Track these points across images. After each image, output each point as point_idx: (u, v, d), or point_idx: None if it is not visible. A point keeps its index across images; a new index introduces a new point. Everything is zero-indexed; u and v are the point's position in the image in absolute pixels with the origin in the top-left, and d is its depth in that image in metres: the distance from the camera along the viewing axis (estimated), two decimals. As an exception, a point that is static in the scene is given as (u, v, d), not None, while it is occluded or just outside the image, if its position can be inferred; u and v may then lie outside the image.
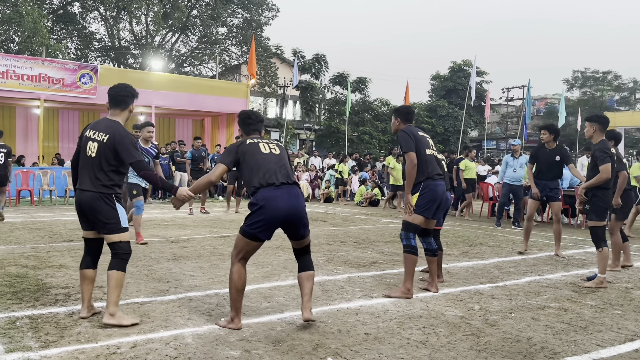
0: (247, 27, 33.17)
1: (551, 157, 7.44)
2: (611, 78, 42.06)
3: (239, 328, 3.78)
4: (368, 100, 34.09)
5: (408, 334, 3.82)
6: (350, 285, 5.28)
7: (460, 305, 4.64)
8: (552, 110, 42.31)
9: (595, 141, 5.69)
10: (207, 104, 19.06)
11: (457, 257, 7.13)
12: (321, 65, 32.27)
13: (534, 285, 5.53)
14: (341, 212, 13.78)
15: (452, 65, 39.23)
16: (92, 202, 3.81)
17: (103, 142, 3.84)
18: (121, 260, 3.85)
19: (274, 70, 32.89)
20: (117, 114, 4.02)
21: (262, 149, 3.89)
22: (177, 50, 35.36)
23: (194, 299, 4.60)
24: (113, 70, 22.86)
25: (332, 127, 32.33)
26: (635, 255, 7.63)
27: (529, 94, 29.22)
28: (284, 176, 3.82)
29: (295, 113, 40.15)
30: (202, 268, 5.94)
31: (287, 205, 3.74)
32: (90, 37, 32.78)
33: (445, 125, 36.42)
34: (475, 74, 27.55)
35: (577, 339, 3.82)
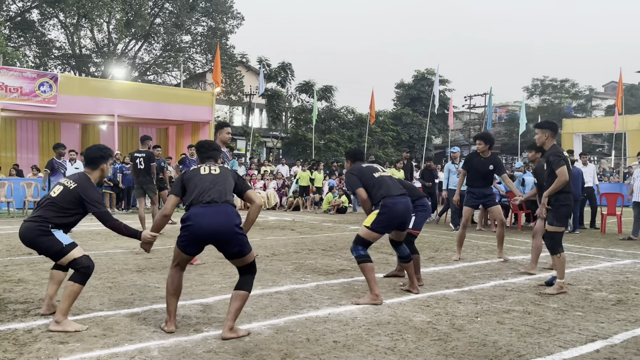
0: (212, 35, 32.97)
1: (485, 165, 7.49)
2: (568, 86, 43.39)
3: (170, 331, 3.91)
4: (334, 108, 34.28)
5: (376, 341, 3.83)
6: (318, 294, 5.27)
7: (428, 311, 4.69)
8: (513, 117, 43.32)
9: (548, 147, 5.78)
10: (171, 113, 18.81)
11: (424, 263, 7.19)
12: (287, 74, 32.32)
13: (499, 289, 5.62)
14: (309, 220, 13.78)
15: (416, 74, 39.82)
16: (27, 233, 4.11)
17: (69, 188, 4.16)
18: (82, 274, 4.02)
19: (239, 79, 32.77)
20: (88, 171, 4.33)
21: (201, 172, 4.03)
22: (141, 58, 34.91)
23: (160, 311, 4.52)
24: (74, 78, 22.35)
25: (298, 135, 32.37)
26: (595, 259, 7.86)
27: (490, 101, 29.87)
28: (215, 194, 3.86)
29: (261, 121, 40.04)
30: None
31: (211, 223, 3.75)
32: (49, 45, 32.00)
33: (410, 133, 36.89)
34: (438, 82, 28.00)
35: (541, 341, 3.89)
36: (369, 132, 30.18)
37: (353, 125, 34.31)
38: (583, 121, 32.54)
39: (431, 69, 38.06)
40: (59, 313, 3.89)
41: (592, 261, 7.57)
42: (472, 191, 7.57)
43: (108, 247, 8.12)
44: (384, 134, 35.02)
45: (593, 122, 32.87)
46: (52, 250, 4.05)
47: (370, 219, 5.01)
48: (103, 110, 17.54)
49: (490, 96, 29.36)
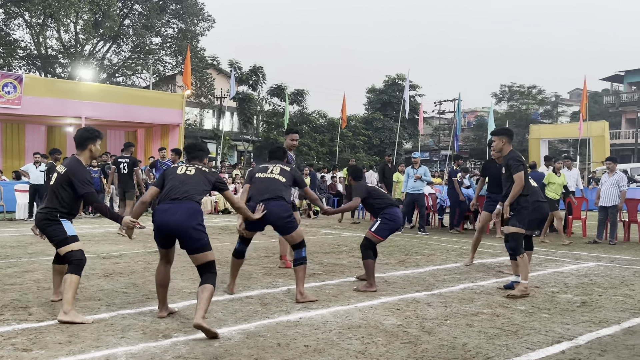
0: (182, 38, 32.61)
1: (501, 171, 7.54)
2: (535, 92, 44.32)
3: (160, 317, 4.37)
4: (306, 112, 34.30)
5: (347, 345, 3.83)
6: (289, 298, 5.25)
7: (398, 314, 4.71)
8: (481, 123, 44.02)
9: (505, 152, 5.93)
10: (140, 115, 18.52)
11: (394, 266, 7.24)
12: (258, 77, 32.17)
13: (468, 292, 5.69)
14: (279, 224, 13.71)
15: (386, 79, 40.14)
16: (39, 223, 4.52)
17: (60, 173, 4.48)
18: (75, 265, 4.34)
19: (210, 81, 32.51)
20: (78, 154, 4.61)
21: (178, 171, 4.35)
22: (109, 59, 34.27)
23: (127, 317, 4.43)
24: (39, 79, 21.84)
25: (270, 138, 32.27)
26: (561, 261, 8.04)
27: (459, 107, 30.28)
28: (180, 192, 4.16)
29: (232, 124, 39.80)
30: (135, 284, 5.73)
31: (169, 218, 4.06)
32: (14, 45, 31.15)
33: (381, 137, 37.16)
34: (409, 88, 28.27)
35: (509, 343, 3.95)
36: (340, 136, 30.28)
37: (325, 130, 34.40)
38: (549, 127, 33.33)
39: (402, 74, 38.41)
40: (66, 303, 4.16)
41: (558, 264, 7.73)
42: (491, 196, 7.80)
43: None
44: (356, 138, 35.20)
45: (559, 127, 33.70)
46: (56, 237, 4.40)
47: None
48: (70, 112, 17.16)
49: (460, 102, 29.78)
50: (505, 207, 5.71)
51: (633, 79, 45.76)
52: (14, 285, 5.60)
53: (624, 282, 6.41)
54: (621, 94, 46.64)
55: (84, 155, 4.59)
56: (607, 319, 4.69)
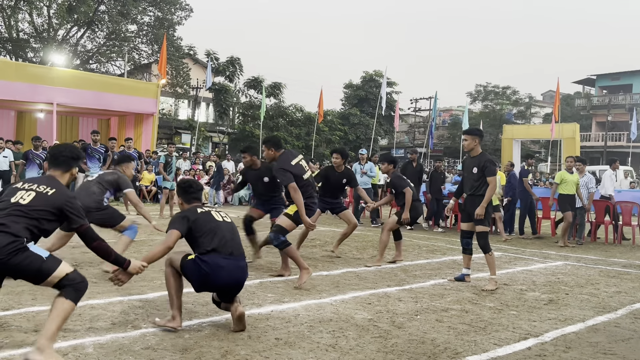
0: (159, 26, 32.10)
1: (339, 179, 7.64)
2: (510, 93, 44.95)
3: (178, 327, 3.83)
4: (283, 106, 34.16)
5: (318, 338, 3.85)
6: (261, 291, 5.24)
7: (369, 308, 4.75)
8: (456, 121, 44.52)
9: (476, 153, 6.09)
10: (114, 103, 18.18)
11: (367, 261, 7.28)
12: (235, 68, 31.94)
13: (438, 288, 5.77)
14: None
15: (364, 75, 40.24)
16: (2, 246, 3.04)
17: (46, 195, 3.29)
18: (74, 290, 3.18)
19: (186, 71, 32.10)
20: (57, 175, 3.53)
21: (215, 217, 3.99)
22: (83, 46, 33.55)
23: (96, 307, 4.37)
24: (10, 63, 21.27)
25: (246, 131, 32.08)
26: (530, 260, 8.19)
27: (435, 105, 30.59)
28: (235, 247, 3.93)
29: (208, 115, 39.43)
30: (104, 274, 5.65)
31: (230, 277, 3.82)
32: (-16, 27, 30.35)
33: (357, 133, 37.28)
34: (386, 85, 28.40)
35: (477, 339, 4.02)
36: (316, 130, 30.26)
37: (301, 124, 34.33)
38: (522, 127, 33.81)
39: (379, 71, 38.58)
40: (44, 338, 3.04)
41: (527, 262, 7.88)
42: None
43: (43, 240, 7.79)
44: (332, 133, 35.23)
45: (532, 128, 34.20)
46: (32, 269, 3.11)
47: (293, 209, 5.65)
48: (41, 97, 16.75)
49: (436, 100, 30.05)
50: (482, 208, 5.82)
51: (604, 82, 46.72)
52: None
53: (590, 281, 6.56)
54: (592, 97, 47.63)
55: (64, 179, 3.56)
56: (573, 316, 4.80)
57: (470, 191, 6.06)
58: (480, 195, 5.92)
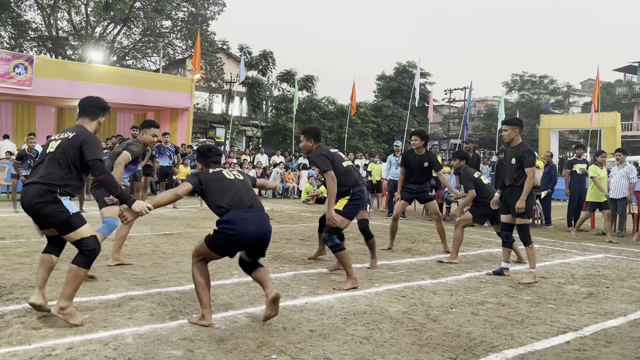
0: (193, 21, 32.46)
1: (420, 162, 7.48)
2: (547, 82, 43.89)
3: (209, 325, 3.79)
4: (315, 99, 34.13)
5: (352, 330, 3.86)
6: (295, 283, 5.28)
7: (403, 301, 4.73)
8: (491, 112, 43.76)
9: (515, 143, 5.95)
10: (150, 98, 18.56)
11: (400, 254, 7.25)
12: (268, 62, 32.05)
13: (474, 281, 5.70)
14: (288, 210, 13.77)
15: (397, 66, 39.89)
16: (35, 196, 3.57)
17: (68, 138, 3.71)
18: (86, 257, 3.65)
19: (219, 66, 32.41)
20: (85, 122, 3.89)
21: (226, 175, 4.00)
22: (119, 42, 34.22)
23: (135, 298, 4.48)
24: (50, 61, 21.88)
25: (279, 124, 32.20)
26: (568, 253, 8.01)
27: (470, 95, 30.12)
28: (252, 200, 3.93)
29: (241, 109, 39.75)
30: (143, 267, 5.78)
31: (257, 229, 3.82)
32: (25, 26, 31.18)
33: (390, 125, 37.00)
34: (419, 75, 28.12)
35: (514, 333, 3.96)
36: (349, 123, 30.19)
37: (334, 116, 34.26)
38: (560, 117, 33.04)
39: (412, 61, 38.13)
40: (64, 298, 3.59)
41: (565, 255, 7.71)
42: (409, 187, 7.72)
43: (83, 233, 8.03)
44: (365, 126, 35.06)
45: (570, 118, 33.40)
46: (59, 219, 3.60)
47: (342, 203, 5.36)
48: (80, 94, 16.98)
49: (471, 90, 29.59)
50: (522, 200, 5.70)
51: (647, 70, 45.13)
52: (24, 264, 5.66)
53: (632, 274, 6.38)
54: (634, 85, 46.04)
55: (90, 126, 3.90)
56: (613, 310, 4.68)
57: (509, 182, 5.94)
58: (519, 186, 5.79)
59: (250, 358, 3.25)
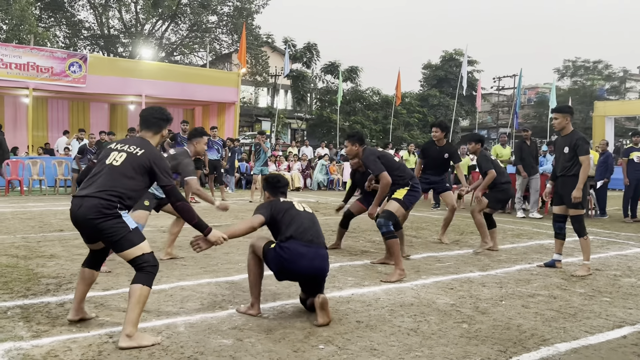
0: (238, 16, 32.84)
1: (441, 153, 7.32)
2: (602, 67, 42.21)
3: (257, 314, 3.88)
4: (359, 90, 34.01)
5: (399, 322, 3.85)
6: (342, 274, 5.30)
7: (451, 294, 4.68)
8: (542, 100, 42.45)
9: (567, 132, 5.76)
10: (197, 93, 18.93)
11: (448, 246, 7.17)
12: (312, 54, 32.13)
13: (524, 273, 5.58)
14: (333, 202, 13.80)
15: (443, 55, 39.21)
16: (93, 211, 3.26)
17: (135, 155, 3.42)
18: (147, 274, 3.30)
19: (265, 59, 32.70)
20: (149, 136, 3.63)
21: (296, 207, 4.01)
22: (167, 38, 35.01)
23: (186, 288, 4.61)
24: (102, 59, 22.63)
25: (323, 116, 32.27)
26: (625, 244, 7.73)
27: (519, 83, 29.31)
28: (314, 235, 3.89)
29: (286, 102, 40.01)
30: (193, 257, 5.93)
31: (311, 265, 3.78)
32: (79, 26, 32.35)
33: (436, 115, 36.44)
34: (466, 63, 27.58)
35: (567, 326, 3.86)
36: (394, 113, 29.93)
37: (378, 107, 34.03)
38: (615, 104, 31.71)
39: (459, 49, 37.41)
40: (130, 325, 3.19)
41: (621, 247, 7.44)
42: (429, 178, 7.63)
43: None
44: (410, 116, 34.68)
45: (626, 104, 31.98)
46: (117, 236, 3.28)
47: (402, 193, 5.45)
48: (131, 90, 17.75)
49: (520, 78, 28.80)
50: (578, 190, 5.52)
51: None
52: (82, 255, 5.89)
53: (694, 267, 6.10)
54: (696, 68, 43.73)
55: (154, 140, 3.65)
56: (674, 304, 4.50)
57: (561, 172, 5.75)
58: (571, 176, 5.60)
59: (298, 348, 3.30)
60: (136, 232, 3.35)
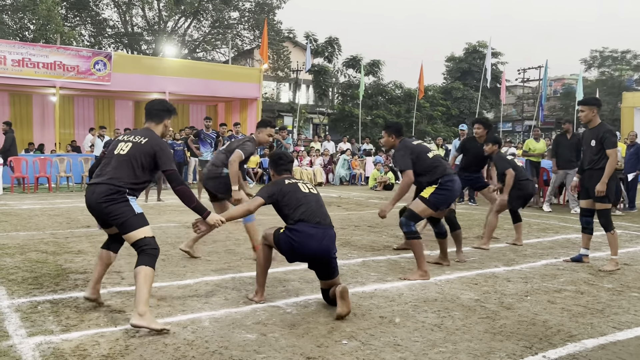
0: (259, 11, 32.92)
1: (482, 150, 7.13)
2: (630, 57, 41.18)
3: (260, 300, 4.07)
4: (382, 83, 33.81)
5: (423, 317, 3.83)
6: (364, 269, 5.30)
7: (476, 289, 4.64)
8: (569, 91, 41.67)
9: (594, 124, 5.65)
10: (220, 90, 19.05)
11: (473, 241, 7.10)
12: (334, 49, 32.04)
13: (550, 268, 5.50)
14: (355, 197, 13.79)
15: (467, 47, 38.75)
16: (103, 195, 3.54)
17: (140, 143, 3.69)
18: (150, 256, 3.53)
19: (286, 55, 32.72)
20: (152, 126, 3.92)
21: (301, 189, 4.06)
22: (190, 35, 35.27)
23: (210, 283, 4.66)
24: (126, 56, 22.92)
25: (345, 111, 32.17)
26: (653, 238, 7.55)
27: (545, 75, 28.80)
28: (322, 216, 3.97)
29: (308, 97, 40.02)
30: (217, 253, 5.99)
31: (319, 246, 3.86)
32: (103, 24, 32.78)
33: (460, 108, 36.08)
34: (490, 55, 27.20)
35: (594, 322, 3.80)
36: (417, 107, 29.69)
37: (401, 101, 33.80)
38: (645, 94, 30.91)
39: (483, 41, 36.95)
40: (141, 304, 3.36)
41: None
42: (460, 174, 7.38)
43: (161, 221, 8.39)
44: (433, 109, 34.37)
45: (656, 95, 31.15)
46: (122, 218, 3.54)
47: (428, 191, 5.11)
48: (155, 87, 17.94)
49: (546, 69, 28.29)
50: (602, 183, 5.42)
51: None
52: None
53: None
54: None
55: (158, 130, 3.92)
56: None
57: (589, 165, 5.65)
58: (599, 169, 5.49)
59: (322, 343, 3.31)
60: (140, 217, 3.60)
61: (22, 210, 9.65)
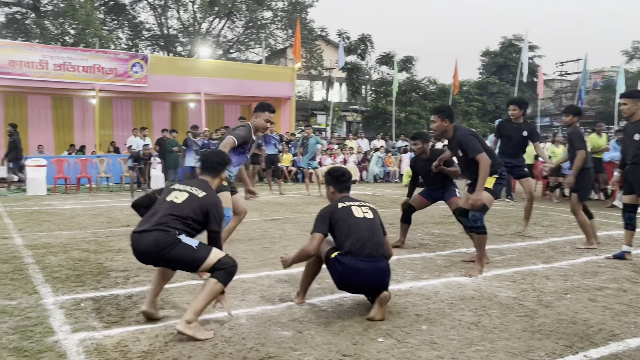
0: (292, 10, 33.06)
1: (519, 131, 6.94)
2: (674, 47, 39.75)
3: (300, 304, 4.03)
4: (415, 80, 33.51)
5: (459, 316, 3.80)
6: (400, 267, 5.27)
7: (513, 287, 4.57)
8: (609, 84, 40.41)
9: (637, 118, 5.47)
10: (254, 89, 19.21)
11: (510, 238, 6.99)
12: (367, 46, 31.92)
13: (591, 266, 5.37)
14: (389, 194, 13.72)
15: (502, 41, 38.05)
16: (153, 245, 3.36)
17: (197, 196, 3.56)
18: (226, 273, 3.43)
19: (319, 53, 32.76)
20: (209, 179, 3.80)
21: (354, 214, 3.87)
22: (224, 36, 35.67)
23: (247, 281, 4.71)
24: (163, 58, 23.32)
25: (378, 108, 32.02)
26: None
27: (585, 67, 28.05)
28: (373, 247, 3.77)
29: (341, 95, 39.97)
30: (253, 251, 6.06)
31: (370, 281, 3.73)
32: (140, 27, 33.48)
33: (496, 103, 35.44)
34: (527, 49, 26.64)
35: (637, 321, 3.70)
36: (452, 103, 29.31)
37: (435, 97, 33.42)
38: (691, 86, 29.76)
39: (519, 35, 36.22)
40: (192, 313, 3.32)
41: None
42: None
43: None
44: (469, 105, 33.88)
45: (703, 86, 29.95)
46: (187, 259, 3.39)
47: (491, 182, 5.02)
48: (190, 88, 18.23)
49: (585, 62, 27.55)
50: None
51: None
52: (147, 249, 6.14)
53: None
54: None
55: (214, 183, 3.81)
56: None
57: (631, 160, 5.48)
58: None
59: (357, 340, 3.31)
60: (202, 247, 3.44)
61: (64, 210, 9.95)
